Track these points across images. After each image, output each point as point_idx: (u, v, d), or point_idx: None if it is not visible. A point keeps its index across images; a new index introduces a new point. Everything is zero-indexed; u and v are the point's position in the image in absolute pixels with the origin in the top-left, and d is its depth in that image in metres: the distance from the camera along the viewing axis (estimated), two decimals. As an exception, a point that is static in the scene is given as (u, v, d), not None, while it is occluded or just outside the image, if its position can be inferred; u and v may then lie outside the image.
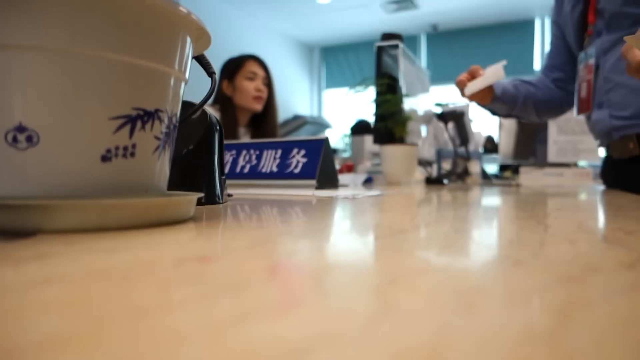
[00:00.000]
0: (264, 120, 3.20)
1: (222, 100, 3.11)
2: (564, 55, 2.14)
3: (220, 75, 3.16)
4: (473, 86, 1.93)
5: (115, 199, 0.49)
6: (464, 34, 9.63)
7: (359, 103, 2.53)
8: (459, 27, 9.57)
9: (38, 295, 0.25)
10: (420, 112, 2.86)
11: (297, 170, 1.50)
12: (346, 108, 9.58)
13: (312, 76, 11.08)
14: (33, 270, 0.31)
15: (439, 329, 0.22)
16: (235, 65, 3.14)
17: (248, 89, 3.08)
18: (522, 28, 9.20)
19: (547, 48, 2.34)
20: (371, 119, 2.54)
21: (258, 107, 3.12)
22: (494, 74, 1.93)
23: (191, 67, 0.63)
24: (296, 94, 10.40)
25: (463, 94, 1.97)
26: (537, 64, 9.05)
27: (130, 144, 0.52)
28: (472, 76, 1.99)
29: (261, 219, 0.65)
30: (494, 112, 2.20)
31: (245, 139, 3.11)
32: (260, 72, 3.15)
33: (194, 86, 1.10)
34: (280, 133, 5.77)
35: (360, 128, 3.68)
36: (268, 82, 3.19)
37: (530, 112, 2.19)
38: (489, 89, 2.04)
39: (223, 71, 3.16)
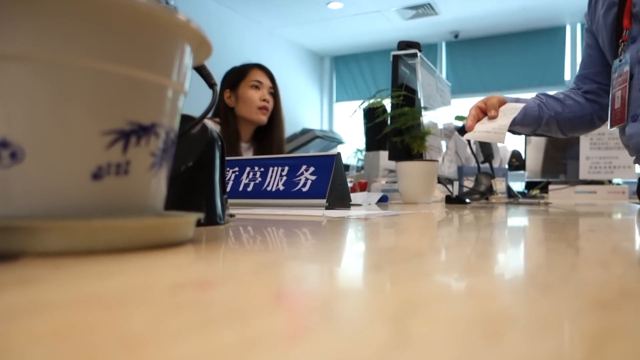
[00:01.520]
0: (268, 134, 3.15)
1: (223, 111, 3.07)
2: (598, 65, 2.14)
3: (221, 84, 3.12)
4: (474, 135, 1.98)
5: (107, 219, 0.49)
6: (488, 42, 9.63)
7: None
8: (482, 35, 9.57)
9: (22, 324, 0.25)
10: (440, 125, 2.86)
11: (305, 189, 1.50)
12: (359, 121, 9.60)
13: (323, 87, 11.12)
14: (17, 297, 0.31)
15: (459, 360, 0.21)
16: (238, 74, 3.12)
17: (252, 99, 3.05)
18: (551, 35, 9.18)
19: (579, 57, 2.35)
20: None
21: (263, 118, 3.08)
22: (498, 132, 1.96)
23: (191, 78, 0.63)
24: (305, 107, 10.43)
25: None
26: (568, 74, 9.03)
27: (123, 160, 0.52)
28: (483, 113, 2.03)
29: (266, 241, 0.64)
30: (514, 132, 2.21)
31: (248, 154, 3.09)
32: (265, 82, 3.12)
33: (194, 98, 1.10)
34: (287, 148, 5.76)
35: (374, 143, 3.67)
36: (274, 93, 3.16)
37: (555, 131, 2.19)
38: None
39: (225, 80, 3.13)
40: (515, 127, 2.13)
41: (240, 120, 3.09)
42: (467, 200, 2.28)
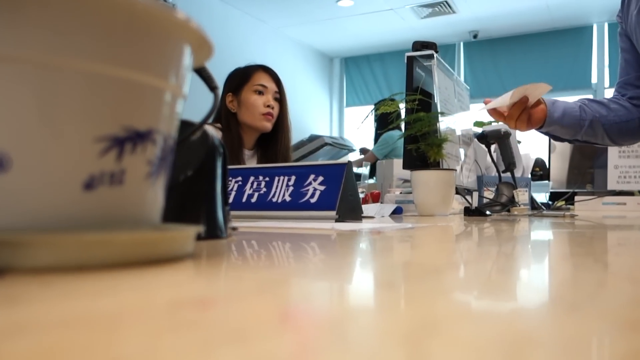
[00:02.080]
0: (274, 141, 3.12)
1: (225, 116, 3.04)
2: (637, 69, 2.11)
3: (223, 87, 3.10)
4: (495, 102, 1.97)
5: (99, 233, 0.49)
6: (509, 43, 9.61)
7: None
8: (503, 35, 9.56)
9: (8, 346, 0.25)
10: (458, 132, 2.86)
11: (313, 200, 1.50)
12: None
13: (332, 90, 11.12)
14: (1, 317, 0.31)
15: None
16: (241, 77, 3.10)
17: (256, 104, 3.01)
18: (577, 35, 9.16)
19: (607, 58, 2.33)
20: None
21: (267, 125, 3.04)
22: (521, 92, 1.94)
23: (191, 80, 0.63)
24: (313, 111, 10.43)
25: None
26: (595, 77, 9.01)
27: (118, 169, 0.52)
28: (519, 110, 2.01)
29: (271, 256, 0.64)
30: (555, 138, 2.17)
31: (251, 163, 3.07)
32: (270, 85, 3.09)
33: (194, 102, 1.10)
34: (294, 156, 5.76)
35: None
36: (280, 97, 3.13)
37: (601, 136, 2.13)
38: (539, 110, 2.03)
39: (227, 83, 3.11)
40: (553, 128, 2.07)
41: (243, 127, 3.06)
42: (487, 213, 2.27)
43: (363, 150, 7.05)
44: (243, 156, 3.03)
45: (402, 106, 2.49)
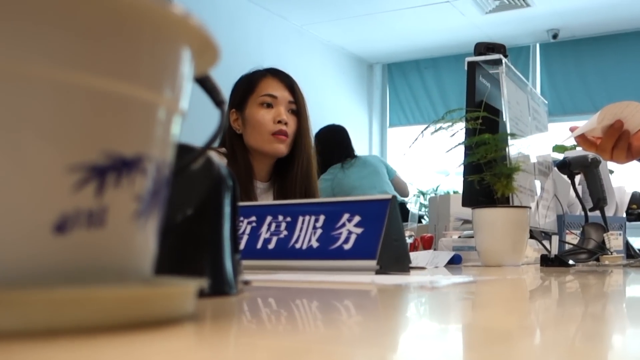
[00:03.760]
0: (292, 168, 2.96)
1: (230, 139, 2.92)
2: None
3: (228, 102, 2.91)
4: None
5: (75, 288, 0.49)
6: (598, 45, 9.54)
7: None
8: (591, 34, 9.49)
9: None
10: (534, 159, 2.85)
11: (348, 246, 1.50)
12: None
13: (372, 105, 11.10)
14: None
15: None
16: (245, 87, 2.97)
17: (263, 122, 2.86)
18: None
19: None
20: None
21: (279, 148, 2.88)
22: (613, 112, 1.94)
23: (191, 93, 0.64)
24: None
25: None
26: None
27: (98, 207, 0.52)
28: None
29: (294, 318, 0.64)
30: None
31: (266, 198, 2.98)
32: (282, 94, 2.92)
33: (196, 121, 1.11)
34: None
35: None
36: (297, 109, 2.96)
37: None
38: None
39: (230, 96, 2.96)
40: None
41: (251, 152, 2.94)
42: (571, 262, 2.26)
43: None
44: (255, 190, 2.90)
45: (461, 126, 2.48)
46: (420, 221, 4.48)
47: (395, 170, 6.85)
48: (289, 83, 2.97)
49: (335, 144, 6.18)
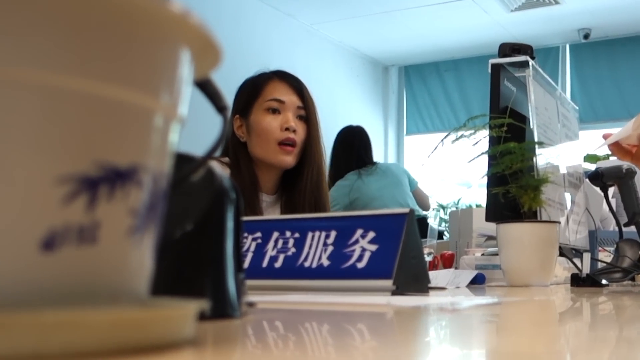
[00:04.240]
0: (301, 179, 2.92)
1: (233, 148, 2.90)
2: None
3: (232, 107, 2.90)
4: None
5: (64, 311, 0.49)
6: (633, 45, 9.52)
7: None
8: (625, 34, 9.48)
9: None
10: (563, 170, 2.84)
11: (361, 265, 1.50)
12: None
13: (387, 111, 11.10)
14: None
15: None
16: (250, 91, 2.95)
17: (269, 129, 2.82)
18: None
19: None
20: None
21: (286, 160, 2.85)
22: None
23: (191, 98, 0.63)
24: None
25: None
26: None
27: (89, 222, 0.52)
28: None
29: (302, 343, 0.64)
30: None
31: (273, 212, 2.96)
32: (289, 99, 2.89)
33: (196, 128, 1.11)
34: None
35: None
36: (306, 115, 2.93)
37: None
38: None
39: (234, 101, 2.94)
40: None
41: (257, 162, 2.91)
42: (604, 282, 2.25)
43: None
44: (260, 203, 2.89)
45: (485, 134, 2.48)
46: (440, 237, 4.47)
47: (417, 181, 6.81)
48: (297, 87, 2.94)
49: (353, 147, 6.14)
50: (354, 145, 6.17)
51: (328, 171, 6.23)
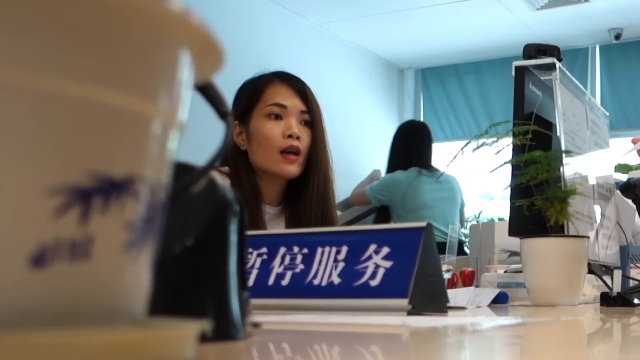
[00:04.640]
0: (307, 189, 2.86)
1: (233, 157, 2.83)
2: None
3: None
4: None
5: (55, 331, 0.49)
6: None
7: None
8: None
9: None
10: (593, 180, 2.84)
11: (375, 283, 1.50)
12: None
13: (403, 116, 11.03)
14: None
15: None
16: (249, 95, 2.86)
17: (270, 136, 2.77)
18: None
19: None
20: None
21: (289, 169, 2.80)
22: None
23: (192, 102, 0.63)
24: (375, 148, 10.32)
25: None
26: None
27: (82, 236, 0.52)
28: None
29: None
30: None
31: (276, 225, 2.93)
32: (292, 103, 2.83)
33: (197, 136, 1.10)
34: (345, 214, 5.74)
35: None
36: (311, 119, 2.88)
37: None
38: None
39: (233, 106, 2.79)
40: None
41: (258, 172, 2.86)
42: (636, 301, 2.25)
43: (372, 176, 6.98)
44: (263, 216, 2.83)
45: (508, 142, 2.47)
46: (461, 253, 4.47)
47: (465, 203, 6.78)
48: (300, 89, 2.90)
49: (414, 142, 6.14)
50: (414, 140, 6.17)
51: (386, 165, 6.31)
